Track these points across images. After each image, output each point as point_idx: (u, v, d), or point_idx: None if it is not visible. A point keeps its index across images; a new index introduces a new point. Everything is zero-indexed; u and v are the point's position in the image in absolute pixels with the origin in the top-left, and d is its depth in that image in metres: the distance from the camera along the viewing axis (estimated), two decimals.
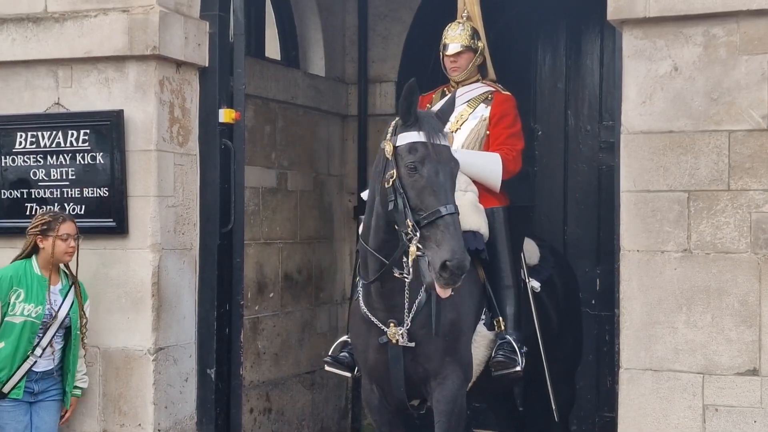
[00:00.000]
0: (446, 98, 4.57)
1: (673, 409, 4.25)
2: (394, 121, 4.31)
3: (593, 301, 6.77)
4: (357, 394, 7.08)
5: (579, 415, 6.60)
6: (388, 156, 4.19)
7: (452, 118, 5.15)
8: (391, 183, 4.13)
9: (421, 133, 4.16)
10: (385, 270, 4.33)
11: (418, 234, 4.01)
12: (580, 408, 6.53)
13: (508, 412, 5.85)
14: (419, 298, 4.44)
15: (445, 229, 3.98)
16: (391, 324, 4.44)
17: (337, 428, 7.12)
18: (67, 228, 4.66)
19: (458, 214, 4.08)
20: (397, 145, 4.18)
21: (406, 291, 4.39)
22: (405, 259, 4.17)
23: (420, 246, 4.00)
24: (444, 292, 4.07)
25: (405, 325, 4.43)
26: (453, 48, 5.19)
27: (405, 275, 4.23)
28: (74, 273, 4.73)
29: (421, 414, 4.77)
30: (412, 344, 4.44)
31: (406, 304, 4.41)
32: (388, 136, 4.26)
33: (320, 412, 6.99)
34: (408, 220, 4.04)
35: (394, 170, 4.13)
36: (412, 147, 4.15)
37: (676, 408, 4.25)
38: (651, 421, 4.27)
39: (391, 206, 4.12)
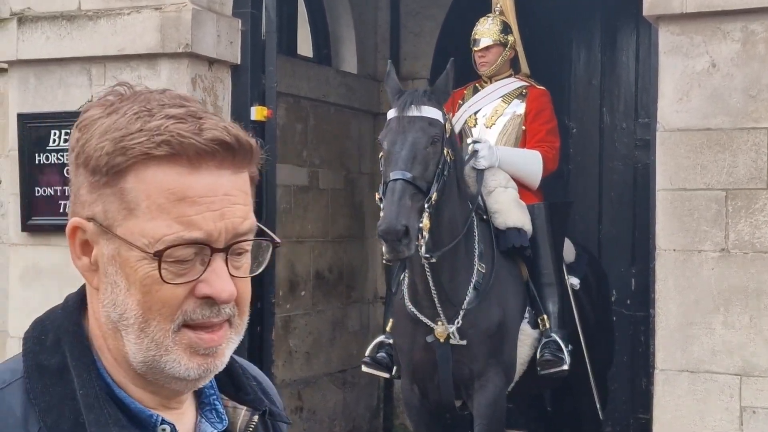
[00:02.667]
0: (444, 74, 4.44)
1: (709, 411, 4.17)
2: None
3: (628, 301, 6.68)
4: (389, 393, 7.06)
5: (613, 417, 6.52)
6: None
7: (487, 113, 5.11)
8: None
9: (394, 108, 4.21)
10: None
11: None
12: (615, 409, 6.46)
13: (537, 413, 5.80)
14: (468, 296, 4.39)
15: (386, 197, 3.96)
16: (439, 322, 4.39)
17: (368, 427, 7.10)
18: None
19: (407, 181, 4.01)
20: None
21: (433, 283, 4.36)
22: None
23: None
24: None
25: (456, 322, 4.38)
26: (482, 42, 5.14)
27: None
28: None
29: (464, 414, 4.71)
30: (464, 342, 4.37)
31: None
32: None
33: (352, 411, 6.97)
34: (376, 196, 4.09)
35: None
36: (386, 124, 4.23)
37: (713, 410, 4.17)
38: (687, 423, 4.20)
39: None
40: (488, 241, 4.60)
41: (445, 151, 4.20)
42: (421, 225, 3.99)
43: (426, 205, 4.04)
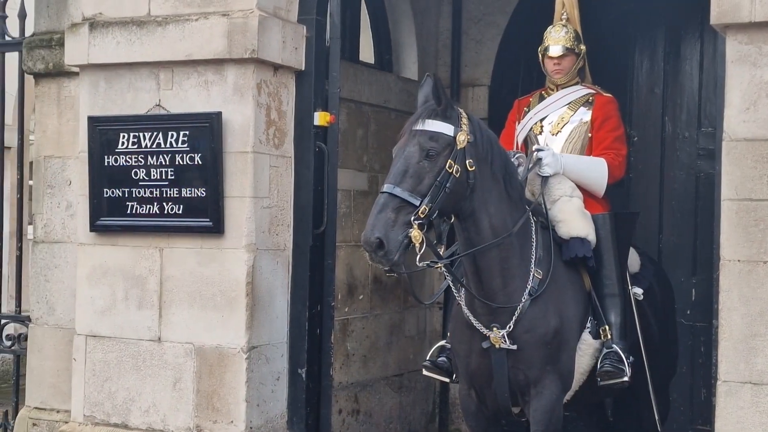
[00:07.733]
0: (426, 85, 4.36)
1: None
2: None
3: (688, 311, 6.61)
4: (445, 398, 7.07)
5: (672, 428, 6.46)
6: None
7: (553, 120, 5.10)
8: None
9: (408, 123, 4.25)
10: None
11: None
12: (674, 420, 6.40)
13: (599, 423, 5.77)
14: (523, 301, 4.41)
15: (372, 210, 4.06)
16: (494, 328, 4.42)
17: None
18: None
19: (393, 195, 4.04)
20: None
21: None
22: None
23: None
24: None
25: (507, 327, 4.41)
26: (556, 50, 5.08)
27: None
28: None
29: (522, 420, 4.72)
30: (514, 347, 4.40)
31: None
32: None
33: (407, 416, 7.00)
34: None
35: None
36: None
37: None
38: None
39: None
40: (548, 248, 4.59)
41: (447, 164, 4.14)
42: (410, 236, 4.01)
43: (412, 218, 4.03)
